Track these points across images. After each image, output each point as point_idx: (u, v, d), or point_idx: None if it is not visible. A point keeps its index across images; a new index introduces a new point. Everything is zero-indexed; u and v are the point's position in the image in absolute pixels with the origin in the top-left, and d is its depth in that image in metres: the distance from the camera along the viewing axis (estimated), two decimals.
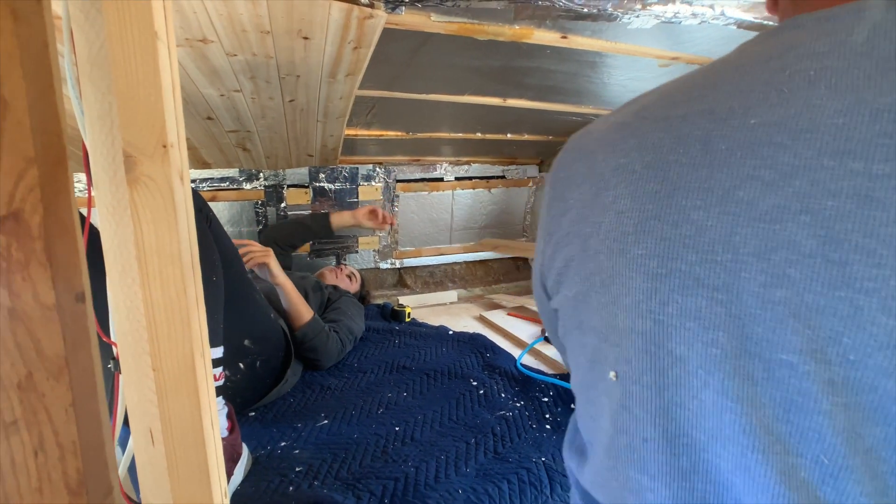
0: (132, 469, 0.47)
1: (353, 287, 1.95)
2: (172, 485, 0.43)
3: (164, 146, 0.39)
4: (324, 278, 1.90)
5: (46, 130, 0.33)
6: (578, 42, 1.17)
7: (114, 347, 0.44)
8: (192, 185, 1.36)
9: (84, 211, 0.44)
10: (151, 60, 0.37)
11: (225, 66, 1.09)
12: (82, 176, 1.57)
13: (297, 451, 1.03)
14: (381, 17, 0.94)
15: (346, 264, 2.11)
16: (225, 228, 1.15)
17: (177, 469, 0.43)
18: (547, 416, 1.19)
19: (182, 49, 0.98)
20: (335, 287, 1.81)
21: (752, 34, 1.13)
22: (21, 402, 0.33)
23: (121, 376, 0.43)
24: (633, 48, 1.22)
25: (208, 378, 0.46)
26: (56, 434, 0.33)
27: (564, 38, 1.14)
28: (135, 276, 0.39)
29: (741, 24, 1.07)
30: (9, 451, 0.33)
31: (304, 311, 1.39)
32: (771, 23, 1.07)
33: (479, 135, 2.03)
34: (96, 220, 0.41)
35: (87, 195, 0.40)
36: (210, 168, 1.98)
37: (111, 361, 0.46)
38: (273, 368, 1.27)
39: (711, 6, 1.00)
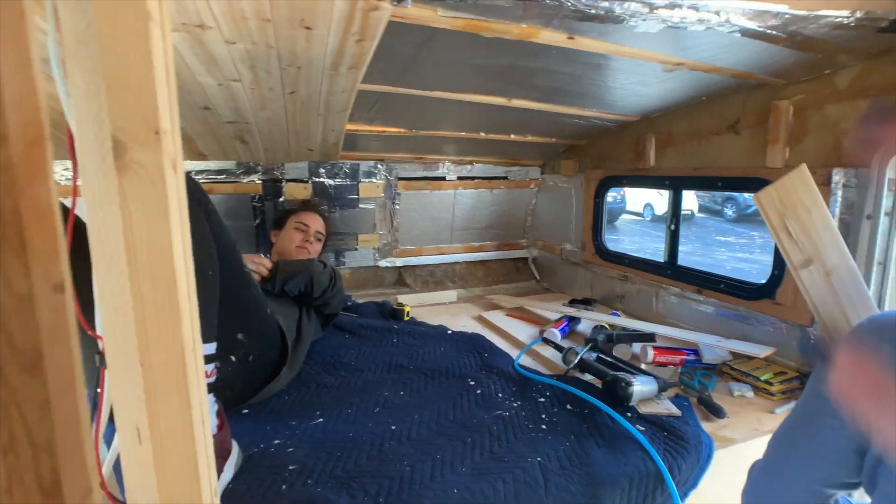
0: (117, 467, 0.46)
1: (317, 247, 1.90)
2: (160, 484, 0.41)
3: (157, 132, 0.37)
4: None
5: (22, 106, 0.31)
6: (584, 43, 1.15)
7: (99, 341, 0.42)
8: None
9: (69, 201, 0.43)
10: (144, 41, 0.35)
11: (223, 54, 1.07)
12: (66, 162, 1.54)
13: (291, 449, 1.02)
14: (387, 10, 0.92)
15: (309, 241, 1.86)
16: None
17: (164, 468, 0.41)
18: (543, 416, 1.17)
19: (178, 34, 0.95)
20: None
21: (755, 43, 1.12)
22: None
23: (106, 371, 0.41)
24: (639, 52, 1.21)
25: (199, 374, 0.44)
26: (28, 432, 0.32)
27: (571, 38, 1.13)
28: (123, 268, 0.38)
29: (745, 33, 1.07)
30: None
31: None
32: (774, 32, 1.05)
33: (482, 134, 2.02)
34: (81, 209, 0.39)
35: (71, 183, 0.39)
36: (206, 160, 1.95)
37: (97, 355, 0.44)
38: (266, 364, 1.25)
39: (717, 12, 0.99)
